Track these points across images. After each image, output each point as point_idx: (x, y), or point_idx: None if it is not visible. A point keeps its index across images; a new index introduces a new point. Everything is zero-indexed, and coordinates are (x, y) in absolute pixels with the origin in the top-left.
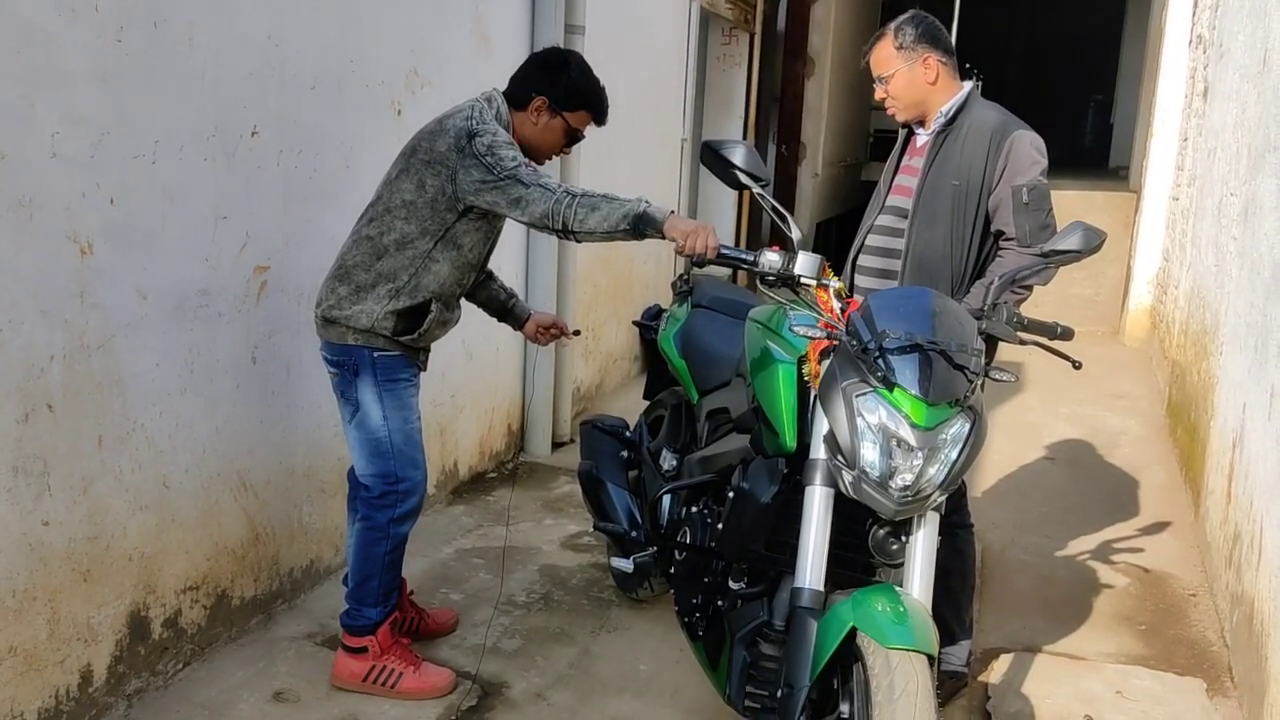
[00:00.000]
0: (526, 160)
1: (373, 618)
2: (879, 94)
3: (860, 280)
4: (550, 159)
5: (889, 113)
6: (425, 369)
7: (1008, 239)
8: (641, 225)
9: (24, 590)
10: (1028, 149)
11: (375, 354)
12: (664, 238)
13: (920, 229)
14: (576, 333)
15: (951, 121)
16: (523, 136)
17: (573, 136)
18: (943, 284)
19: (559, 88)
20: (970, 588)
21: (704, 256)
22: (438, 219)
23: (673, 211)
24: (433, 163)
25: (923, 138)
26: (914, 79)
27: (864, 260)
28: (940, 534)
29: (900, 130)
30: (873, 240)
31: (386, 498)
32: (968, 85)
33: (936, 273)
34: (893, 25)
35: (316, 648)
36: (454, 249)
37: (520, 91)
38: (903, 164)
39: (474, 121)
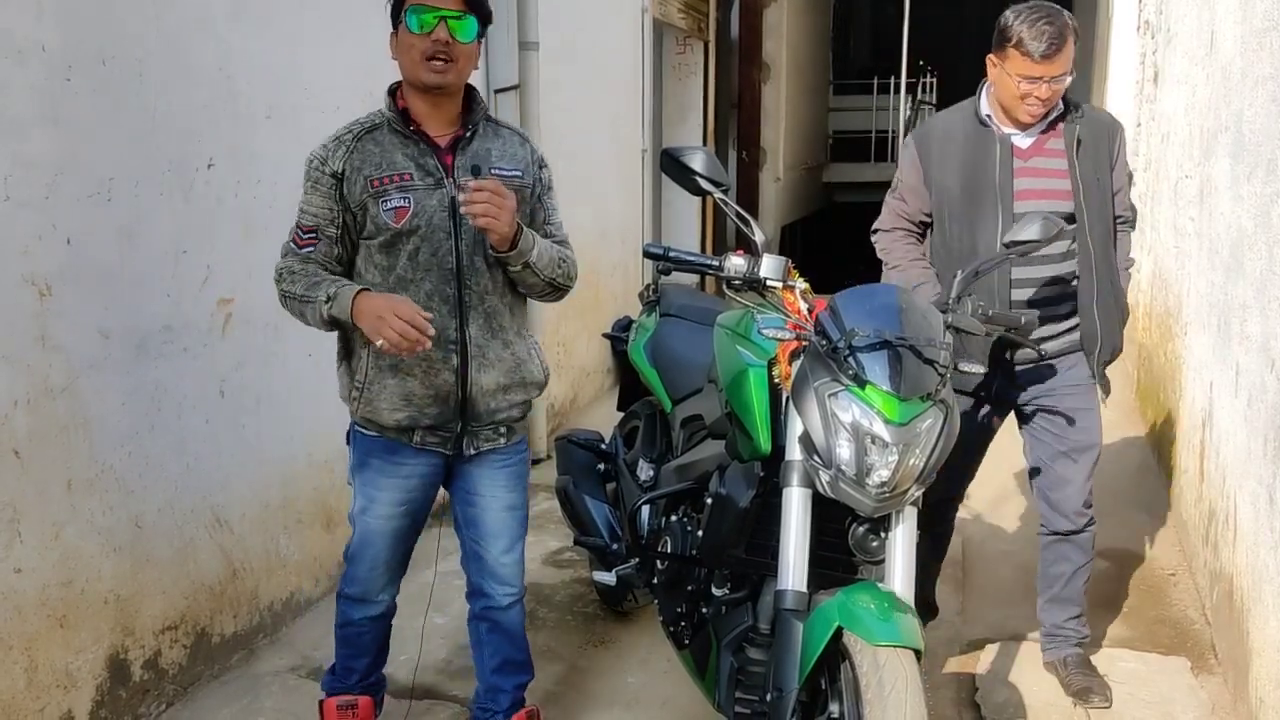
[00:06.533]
0: (311, 223)
1: (324, 682)
2: (1042, 92)
3: (1018, 293)
4: (435, 71)
5: (1031, 114)
6: (459, 452)
7: (1122, 222)
8: (336, 327)
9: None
10: (1126, 140)
11: (355, 427)
12: (355, 324)
13: (1091, 227)
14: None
15: (1071, 121)
16: (403, 76)
17: (424, 28)
18: (1114, 276)
19: (390, 9)
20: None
21: (406, 344)
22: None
23: (363, 290)
24: None
25: (1024, 139)
26: (1068, 81)
27: (1018, 273)
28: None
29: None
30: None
31: (345, 570)
32: None
33: (1111, 266)
34: (1069, 22)
35: (301, 680)
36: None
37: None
38: (1016, 167)
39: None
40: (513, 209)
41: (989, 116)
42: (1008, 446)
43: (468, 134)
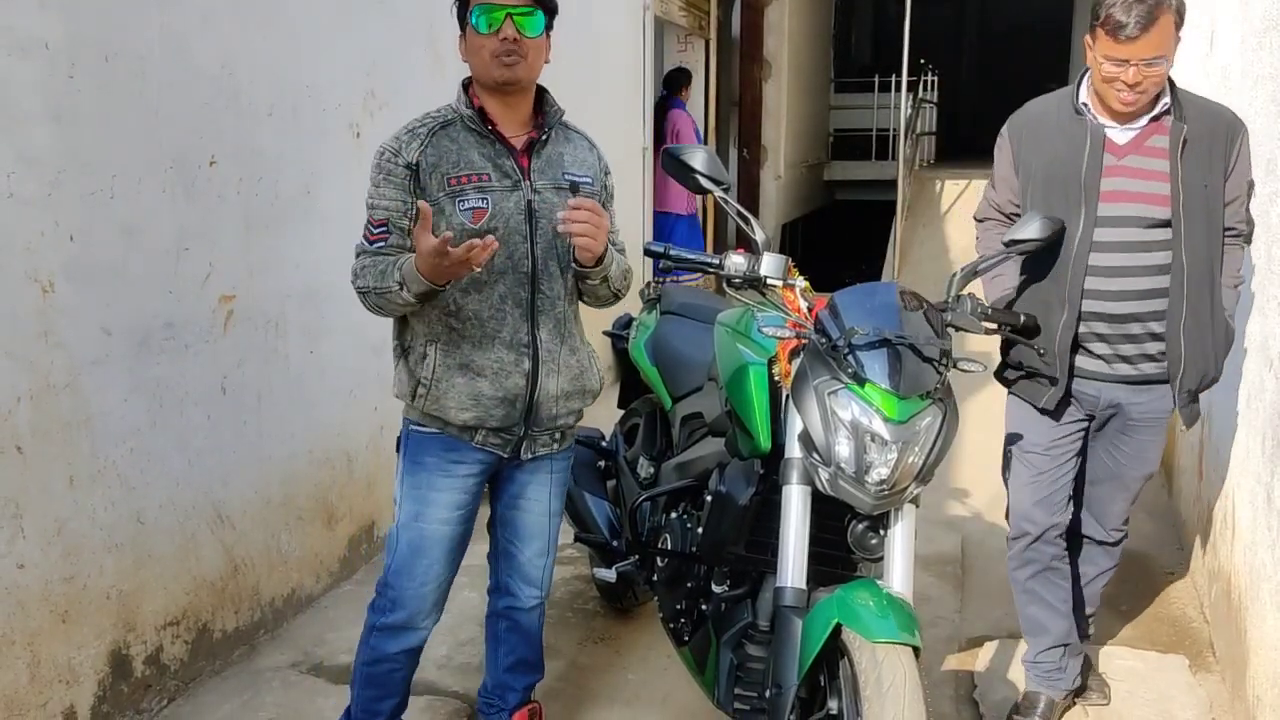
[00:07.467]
0: (382, 216)
1: None
2: (1129, 76)
3: (1100, 305)
4: (506, 65)
5: (1122, 101)
6: (516, 455)
7: (1234, 235)
8: (423, 296)
9: (2, 634)
10: (1249, 143)
11: (411, 426)
12: (438, 285)
13: (1189, 238)
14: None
15: (1180, 117)
16: (475, 77)
17: (492, 27)
18: (1214, 294)
19: (455, 11)
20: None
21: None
22: None
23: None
24: None
25: (1122, 134)
26: (1168, 67)
27: (1100, 284)
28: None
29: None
30: (1105, 260)
31: (379, 599)
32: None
33: (1213, 283)
34: (1168, 0)
35: (301, 676)
36: None
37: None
38: (1108, 164)
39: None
40: (607, 227)
41: (1085, 105)
42: (999, 447)
43: (542, 137)
